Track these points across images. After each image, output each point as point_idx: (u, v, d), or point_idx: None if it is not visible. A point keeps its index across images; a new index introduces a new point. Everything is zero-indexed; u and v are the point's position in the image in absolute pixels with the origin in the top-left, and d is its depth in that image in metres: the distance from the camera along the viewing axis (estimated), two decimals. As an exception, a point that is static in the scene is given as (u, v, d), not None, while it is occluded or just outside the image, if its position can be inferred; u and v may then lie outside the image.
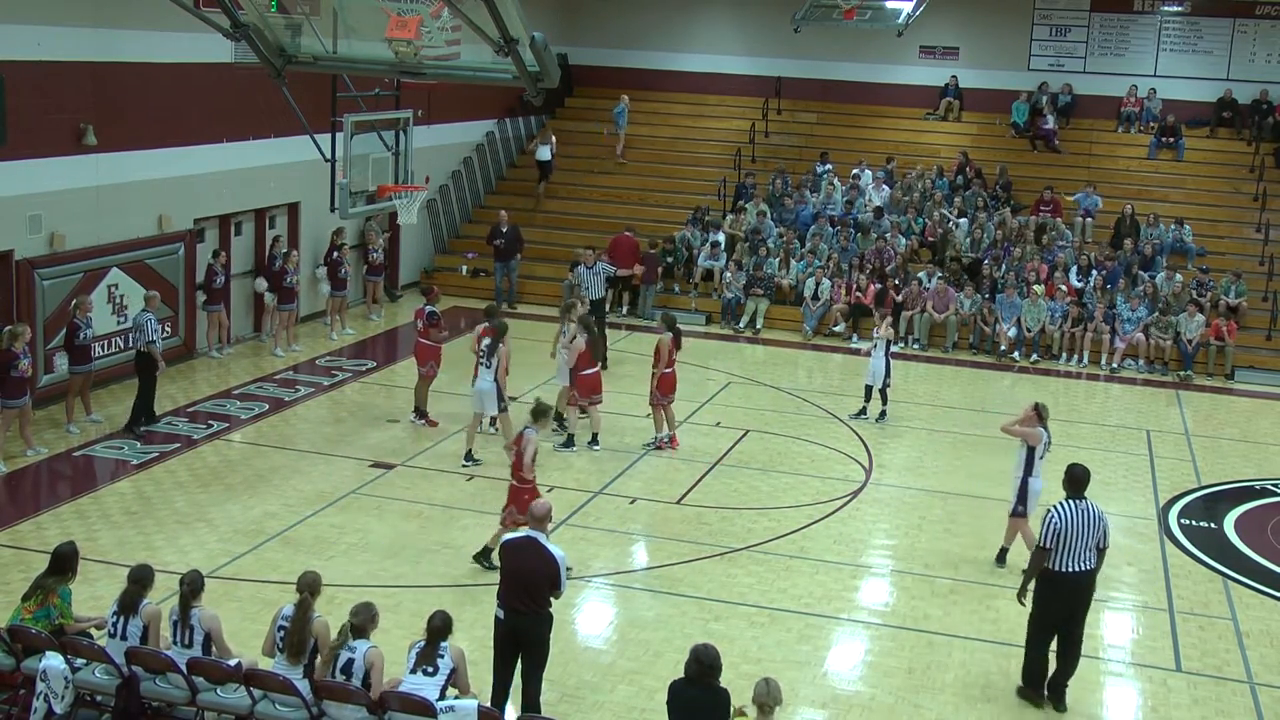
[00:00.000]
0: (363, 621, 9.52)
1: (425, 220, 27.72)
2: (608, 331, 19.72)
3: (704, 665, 8.57)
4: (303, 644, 9.53)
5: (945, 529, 15.52)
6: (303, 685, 9.40)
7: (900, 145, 30.87)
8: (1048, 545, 10.94)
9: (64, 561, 10.36)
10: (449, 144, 28.59)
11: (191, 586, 9.82)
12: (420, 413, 18.56)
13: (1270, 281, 25.58)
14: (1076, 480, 11.24)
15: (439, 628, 9.42)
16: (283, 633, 9.62)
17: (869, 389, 19.59)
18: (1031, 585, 11.22)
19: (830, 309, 25.43)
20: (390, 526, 14.65)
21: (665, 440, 17.86)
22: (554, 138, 30.93)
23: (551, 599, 10.11)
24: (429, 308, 18.77)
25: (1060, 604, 11.09)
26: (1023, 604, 11.31)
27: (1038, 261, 25.75)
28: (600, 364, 18.23)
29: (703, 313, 26.27)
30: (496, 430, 17.38)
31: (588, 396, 17.64)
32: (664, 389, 17.73)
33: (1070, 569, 10.94)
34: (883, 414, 19.56)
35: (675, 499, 16.07)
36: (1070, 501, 11.07)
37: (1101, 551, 11.11)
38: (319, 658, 9.58)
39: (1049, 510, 11.07)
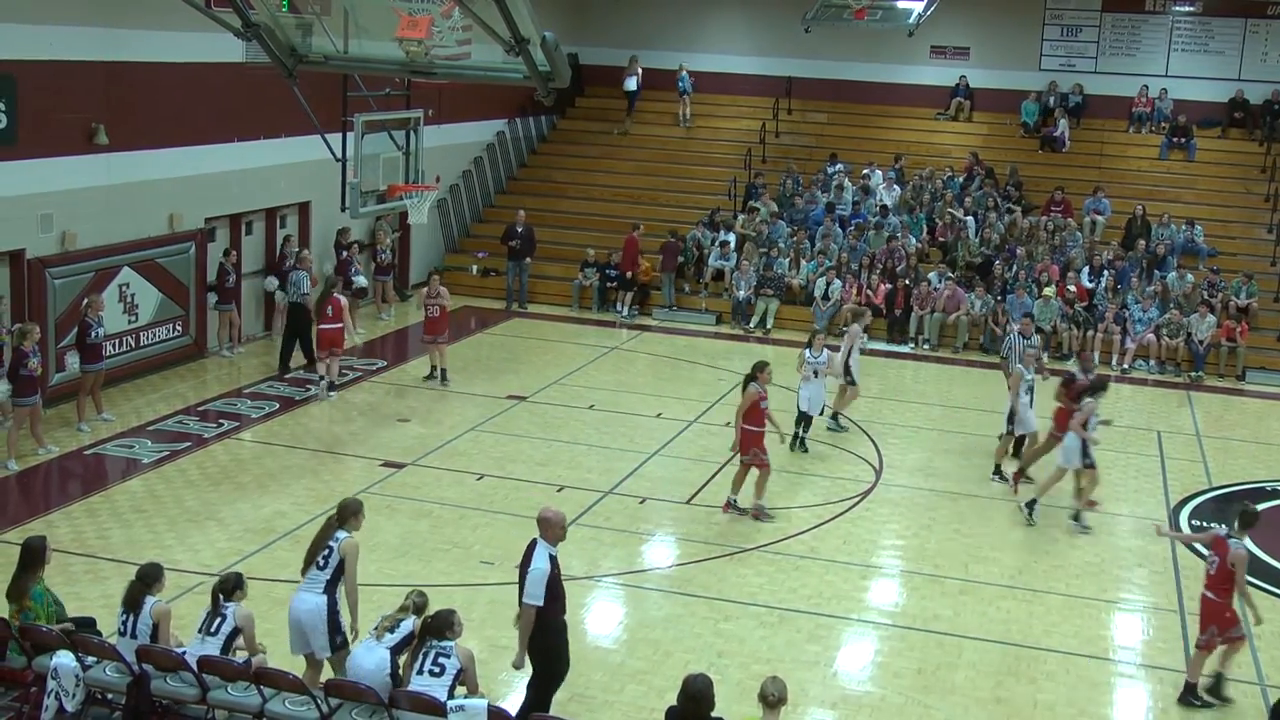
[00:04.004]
0: (423, 603, 9.84)
1: (436, 220, 27.73)
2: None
3: (690, 697, 8.30)
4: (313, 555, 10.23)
5: (955, 529, 15.48)
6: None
7: (911, 145, 30.80)
8: None
9: (32, 555, 10.34)
10: (460, 143, 28.61)
11: (224, 584, 10.00)
12: (1017, 473, 16.90)
13: (1282, 282, 25.52)
14: None
15: (430, 625, 9.46)
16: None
17: (807, 417, 18.05)
18: None
19: (840, 309, 25.40)
20: (400, 526, 14.66)
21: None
22: (640, 69, 31.93)
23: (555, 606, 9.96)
24: (1078, 372, 16.84)
25: None
26: None
27: (1049, 262, 25.71)
28: None
29: (713, 312, 26.26)
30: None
31: (327, 349, 19.57)
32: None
33: None
34: (802, 441, 18.06)
35: (685, 499, 16.06)
36: None
37: None
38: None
39: None
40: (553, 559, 9.94)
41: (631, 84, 31.99)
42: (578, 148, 32.01)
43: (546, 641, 10.02)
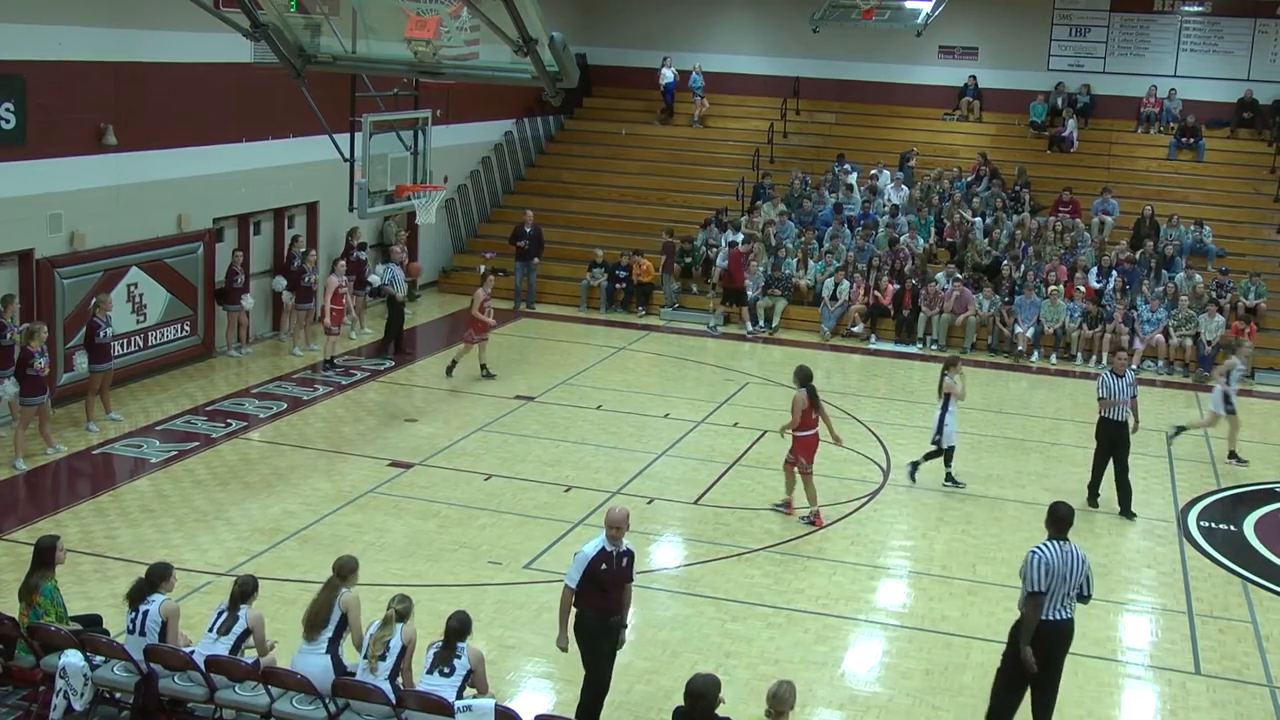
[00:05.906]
0: (406, 609, 9.67)
1: (444, 220, 27.75)
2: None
3: (693, 694, 8.36)
4: (318, 617, 9.78)
5: (962, 529, 15.47)
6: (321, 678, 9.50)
7: (919, 145, 30.78)
8: (1042, 589, 9.87)
9: (44, 554, 10.39)
10: (467, 144, 28.63)
11: (243, 588, 10.00)
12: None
13: (1290, 282, 25.46)
14: (1061, 520, 10.16)
15: (455, 629, 9.44)
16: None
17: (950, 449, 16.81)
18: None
19: (849, 309, 25.39)
20: (408, 526, 14.67)
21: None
22: (663, 65, 32.16)
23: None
24: None
25: (1037, 656, 10.01)
26: (1028, 662, 10.02)
27: (1057, 262, 25.68)
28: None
29: (721, 312, 26.23)
30: None
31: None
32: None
33: (1050, 617, 9.99)
34: (949, 477, 16.98)
35: (693, 499, 16.06)
36: (1054, 542, 10.02)
37: (1085, 599, 10.21)
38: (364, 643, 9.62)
39: (1033, 551, 10.00)
40: (604, 553, 9.90)
41: (668, 75, 31.98)
42: (586, 148, 32.03)
43: (579, 633, 10.08)
